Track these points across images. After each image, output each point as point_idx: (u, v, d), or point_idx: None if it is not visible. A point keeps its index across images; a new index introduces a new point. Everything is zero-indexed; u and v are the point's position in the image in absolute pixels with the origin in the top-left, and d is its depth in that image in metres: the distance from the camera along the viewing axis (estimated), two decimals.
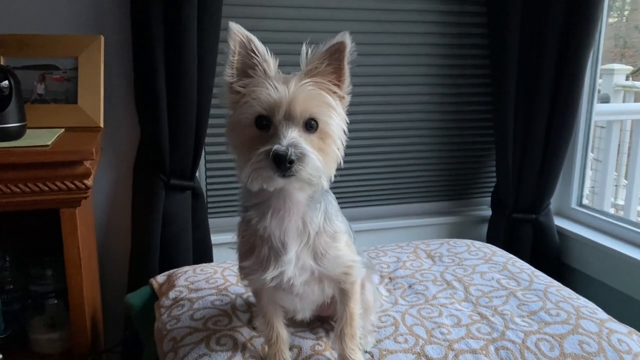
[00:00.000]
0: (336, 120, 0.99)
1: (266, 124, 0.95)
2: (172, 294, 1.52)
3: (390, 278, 1.70)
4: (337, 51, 0.99)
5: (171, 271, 1.70)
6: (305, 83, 0.96)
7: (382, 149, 2.30)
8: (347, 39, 0.98)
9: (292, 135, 0.93)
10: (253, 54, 0.99)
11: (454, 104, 2.34)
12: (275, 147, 0.90)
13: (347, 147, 2.43)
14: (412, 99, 2.29)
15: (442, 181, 2.43)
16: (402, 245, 1.95)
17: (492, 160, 2.39)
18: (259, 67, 0.98)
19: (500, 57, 2.17)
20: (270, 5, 2.04)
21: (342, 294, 1.16)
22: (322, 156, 0.97)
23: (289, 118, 0.94)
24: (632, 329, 1.39)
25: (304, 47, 0.99)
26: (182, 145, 1.90)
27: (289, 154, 0.90)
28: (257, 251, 1.08)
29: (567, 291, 1.57)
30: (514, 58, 2.15)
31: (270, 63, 0.99)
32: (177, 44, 1.78)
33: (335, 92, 1.01)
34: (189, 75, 1.82)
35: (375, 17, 2.16)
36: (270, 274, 1.06)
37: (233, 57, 0.99)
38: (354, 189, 2.31)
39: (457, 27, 2.25)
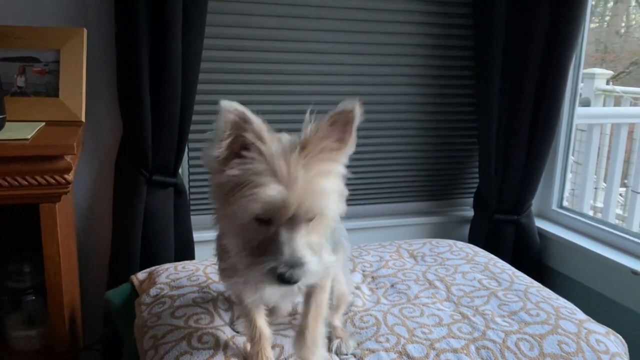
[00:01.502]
0: (339, 204, 0.95)
1: (266, 220, 0.88)
2: (153, 291, 1.51)
3: (372, 277, 1.70)
4: (346, 122, 0.92)
5: (152, 268, 1.68)
6: (313, 175, 0.88)
7: (366, 149, 2.30)
8: (357, 109, 0.91)
9: (296, 246, 0.87)
10: (247, 133, 0.87)
11: (438, 105, 2.35)
12: (280, 269, 0.85)
13: None
14: (396, 99, 2.30)
15: (425, 181, 2.44)
16: (385, 244, 1.96)
17: (476, 161, 2.41)
18: (254, 146, 0.88)
19: (485, 59, 2.18)
20: (258, 2, 2.03)
21: (313, 287, 1.12)
22: (318, 236, 0.92)
23: (293, 219, 0.88)
24: (610, 330, 1.41)
25: (307, 115, 0.90)
26: (165, 141, 1.88)
27: (293, 278, 0.85)
28: None
29: (547, 292, 1.59)
30: (499, 60, 2.17)
31: (267, 140, 0.88)
32: (162, 39, 1.76)
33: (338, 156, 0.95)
34: (174, 70, 1.80)
35: (361, 16, 2.16)
36: (260, 294, 1.05)
37: (224, 140, 0.88)
38: None
39: (442, 29, 2.26)
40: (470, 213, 2.45)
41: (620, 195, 3.86)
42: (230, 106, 0.86)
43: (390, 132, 2.32)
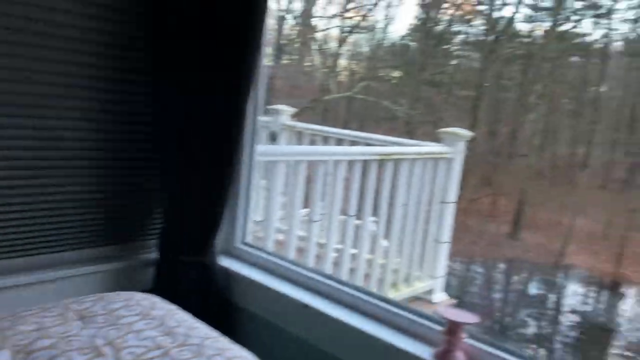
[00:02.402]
0: None
1: None
2: None
3: (26, 353, 1.43)
4: None
5: None
6: None
7: (25, 191, 1.98)
8: None
9: None
10: None
11: (119, 147, 2.18)
12: None
13: None
14: (69, 135, 2.04)
15: (105, 225, 2.23)
16: (49, 306, 1.68)
17: (160, 202, 2.31)
18: None
19: (165, 103, 2.12)
20: None
21: None
22: None
23: None
24: None
25: None
26: None
27: None
28: None
29: (223, 342, 1.57)
30: (180, 104, 2.12)
31: None
32: None
33: None
34: None
35: (31, 41, 1.89)
36: None
37: None
38: None
39: (121, 62, 2.12)
40: (156, 256, 2.33)
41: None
42: None
43: (60, 172, 2.05)
